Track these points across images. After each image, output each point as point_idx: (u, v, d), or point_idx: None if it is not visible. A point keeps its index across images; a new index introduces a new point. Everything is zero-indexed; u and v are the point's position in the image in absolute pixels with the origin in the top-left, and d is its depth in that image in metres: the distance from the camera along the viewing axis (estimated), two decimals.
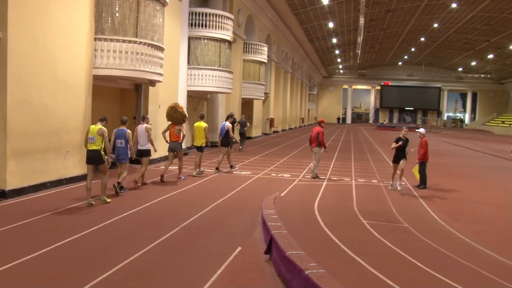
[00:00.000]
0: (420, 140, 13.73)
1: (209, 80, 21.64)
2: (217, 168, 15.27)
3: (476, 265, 6.67)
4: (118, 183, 10.92)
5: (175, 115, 13.54)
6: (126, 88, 16.12)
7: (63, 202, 9.68)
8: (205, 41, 21.63)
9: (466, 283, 5.85)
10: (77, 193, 10.75)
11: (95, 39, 12.90)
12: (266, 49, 31.89)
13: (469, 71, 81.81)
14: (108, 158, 9.95)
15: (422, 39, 59.13)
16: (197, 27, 21.42)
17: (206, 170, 15.20)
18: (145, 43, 13.68)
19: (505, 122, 69.21)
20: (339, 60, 73.56)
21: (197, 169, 14.60)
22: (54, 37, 11.09)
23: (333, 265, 6.25)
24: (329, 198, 11.45)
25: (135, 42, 13.40)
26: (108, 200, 10.00)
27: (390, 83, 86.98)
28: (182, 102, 19.51)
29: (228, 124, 15.48)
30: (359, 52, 55.39)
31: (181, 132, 13.58)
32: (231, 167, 15.51)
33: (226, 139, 15.24)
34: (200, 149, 14.60)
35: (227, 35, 22.24)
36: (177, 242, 7.26)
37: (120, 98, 16.66)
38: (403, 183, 13.82)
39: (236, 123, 24.57)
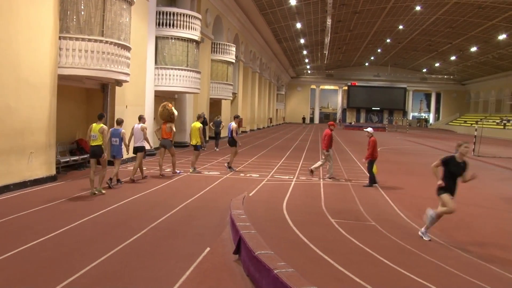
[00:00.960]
0: (369, 139, 14.01)
1: (177, 80, 21.50)
2: (230, 167, 15.91)
3: (441, 261, 6.82)
4: (110, 179, 11.84)
5: (163, 113, 14.67)
6: (92, 88, 15.83)
7: (27, 205, 9.42)
8: (173, 40, 21.47)
9: (431, 279, 5.97)
10: (42, 195, 10.50)
11: (59, 37, 12.61)
12: (234, 49, 31.88)
13: (433, 72, 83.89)
14: (104, 154, 10.98)
15: (388, 40, 60.29)
16: (164, 26, 21.25)
17: (182, 169, 15.11)
18: (111, 43, 13.46)
19: (467, 122, 71.11)
20: (307, 60, 74.26)
21: (193, 167, 15.26)
22: (17, 35, 10.77)
23: (302, 264, 6.29)
24: (297, 198, 11.51)
25: (101, 41, 13.18)
26: (104, 191, 11.01)
27: (357, 84, 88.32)
28: (149, 102, 19.33)
29: (233, 124, 16.01)
30: (327, 53, 56.04)
31: (172, 130, 14.48)
32: (230, 168, 15.95)
33: (231, 139, 15.88)
34: (195, 148, 15.31)
35: (195, 35, 22.12)
36: (145, 243, 7.17)
37: (86, 98, 16.35)
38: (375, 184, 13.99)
39: (212, 123, 24.74)
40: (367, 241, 7.70)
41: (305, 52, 64.38)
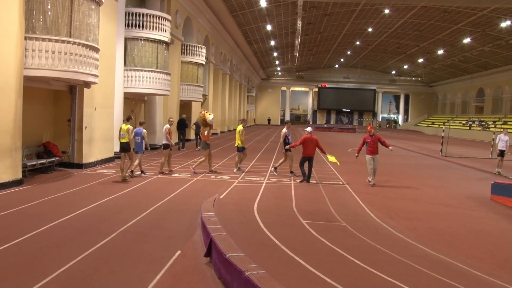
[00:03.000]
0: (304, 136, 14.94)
1: (146, 81, 21.24)
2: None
3: (410, 259, 6.96)
4: (132, 171, 14.44)
5: (200, 119, 16.22)
6: (60, 90, 15.52)
7: None
8: (142, 42, 21.24)
9: (400, 277, 6.09)
10: (7, 199, 10.25)
11: (25, 38, 12.31)
12: (204, 50, 31.75)
13: (402, 74, 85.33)
14: (132, 148, 13.99)
15: (358, 42, 61.05)
16: (133, 27, 21.00)
17: (148, 172, 15.00)
18: (79, 43, 13.23)
19: (435, 123, 72.64)
20: (277, 62, 74.54)
21: (237, 167, 16.48)
22: None
23: (273, 266, 6.32)
24: (268, 199, 11.55)
25: (68, 42, 12.93)
26: (128, 179, 13.72)
27: (327, 85, 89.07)
28: (118, 104, 19.09)
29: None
30: (297, 55, 56.40)
31: (206, 133, 15.81)
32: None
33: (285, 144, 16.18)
34: (238, 149, 16.42)
35: (165, 36, 21.95)
36: (114, 247, 7.08)
37: (53, 100, 16.03)
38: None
39: (192, 124, 24.82)
40: (338, 241, 7.79)
41: (275, 54, 64.65)
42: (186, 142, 26.89)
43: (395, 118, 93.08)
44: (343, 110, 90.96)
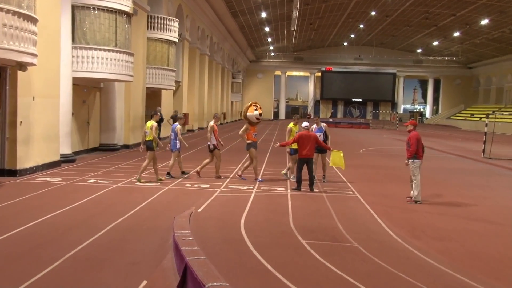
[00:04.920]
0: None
1: (102, 64, 21.00)
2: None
3: None
4: (168, 173, 16.45)
5: (244, 111, 17.10)
6: None
7: None
8: (96, 12, 21.03)
9: None
10: None
11: None
12: (177, 24, 31.67)
13: (431, 53, 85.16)
14: (158, 147, 15.79)
15: (373, 13, 60.94)
16: None
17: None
18: (8, 11, 12.99)
19: (475, 115, 72.43)
20: (269, 39, 74.60)
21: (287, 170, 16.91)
22: None
23: None
24: (259, 213, 11.56)
25: None
26: (161, 179, 15.79)
27: (333, 69, 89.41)
28: (66, 93, 18.96)
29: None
30: (295, 30, 56.47)
31: (242, 130, 16.73)
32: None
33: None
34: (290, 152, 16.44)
35: (125, 5, 21.79)
36: (59, 279, 7.01)
37: None
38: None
39: (169, 118, 24.67)
40: (348, 267, 7.78)
41: (267, 29, 64.71)
42: (161, 140, 26.84)
43: (421, 109, 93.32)
44: (353, 100, 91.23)
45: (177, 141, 16.38)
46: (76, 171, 16.95)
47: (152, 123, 15.57)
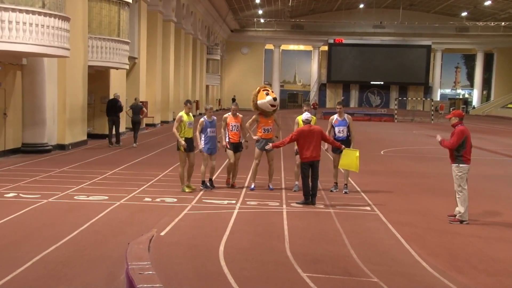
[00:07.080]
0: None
1: (24, 31, 20.48)
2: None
3: None
4: (203, 181, 16.86)
5: (253, 98, 17.42)
6: None
7: None
8: None
9: None
10: None
11: None
12: None
13: (480, 18, 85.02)
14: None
15: None
16: None
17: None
18: None
19: None
20: (258, 1, 74.46)
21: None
22: None
23: None
24: (244, 237, 11.62)
25: None
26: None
27: (344, 41, 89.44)
28: None
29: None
30: None
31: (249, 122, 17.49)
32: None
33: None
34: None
35: None
36: None
37: None
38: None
39: (128, 109, 25.24)
40: None
41: None
42: (120, 135, 28.25)
43: (467, 95, 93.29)
44: (371, 83, 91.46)
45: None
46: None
47: (191, 116, 16.30)
